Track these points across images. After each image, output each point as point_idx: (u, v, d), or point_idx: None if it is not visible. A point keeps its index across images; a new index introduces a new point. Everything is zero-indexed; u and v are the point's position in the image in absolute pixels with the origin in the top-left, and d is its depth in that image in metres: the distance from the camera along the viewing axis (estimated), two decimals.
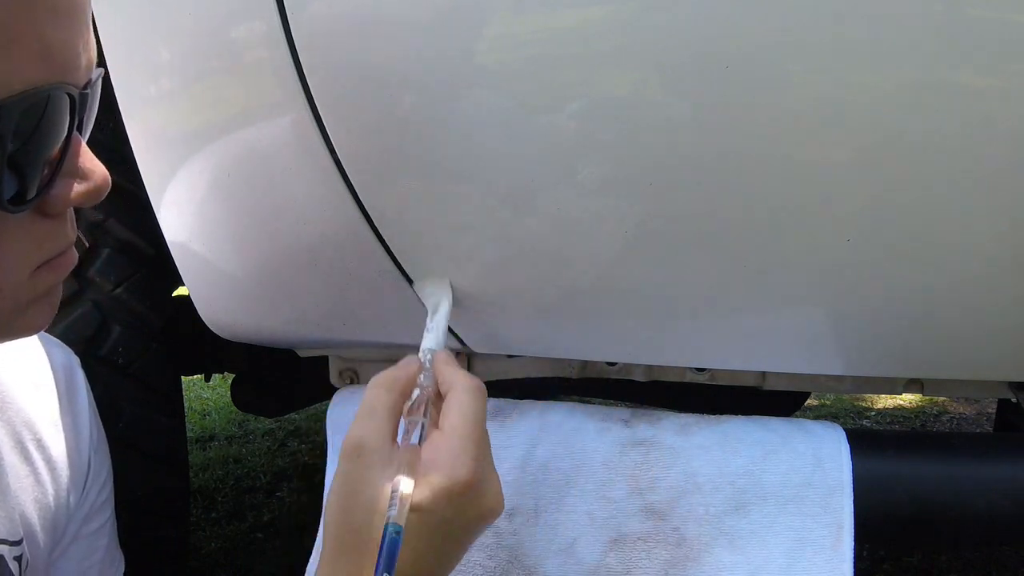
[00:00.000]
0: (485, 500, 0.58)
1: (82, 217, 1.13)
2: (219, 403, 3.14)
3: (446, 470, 0.56)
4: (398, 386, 0.62)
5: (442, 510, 0.56)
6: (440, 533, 0.57)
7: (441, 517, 0.56)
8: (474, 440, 0.58)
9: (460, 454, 0.57)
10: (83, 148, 0.51)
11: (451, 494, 0.56)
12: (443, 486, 0.56)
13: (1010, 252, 0.68)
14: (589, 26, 0.61)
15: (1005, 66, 0.58)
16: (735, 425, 0.80)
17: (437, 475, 0.56)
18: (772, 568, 0.73)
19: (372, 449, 0.57)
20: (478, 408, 0.60)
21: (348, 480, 0.58)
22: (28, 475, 0.68)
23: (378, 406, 0.60)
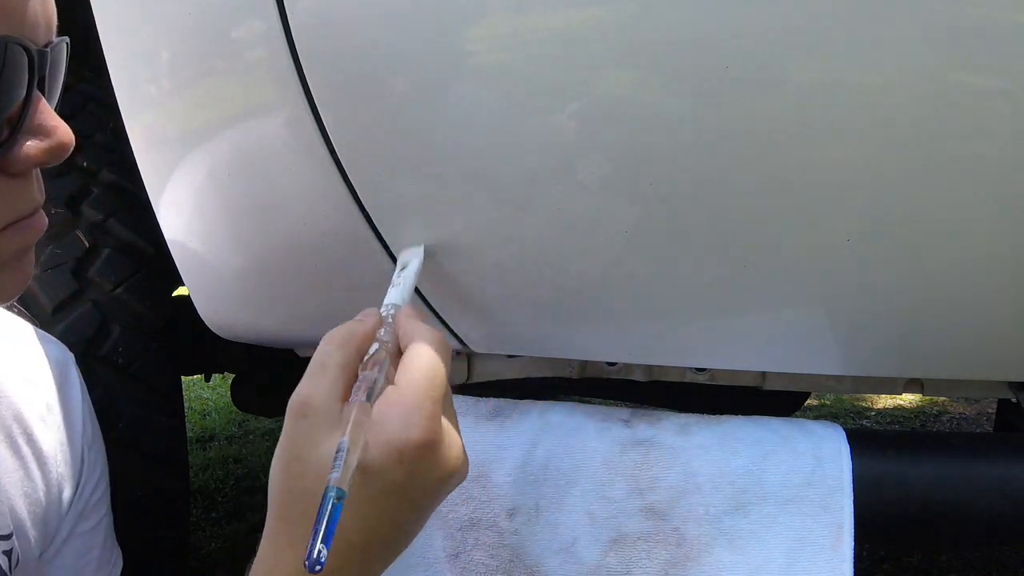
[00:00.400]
0: (442, 463, 0.53)
1: (82, 217, 1.13)
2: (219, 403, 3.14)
3: (397, 429, 0.51)
4: (353, 341, 0.57)
5: (393, 473, 0.51)
6: (393, 499, 0.52)
7: (392, 481, 0.51)
8: (431, 397, 0.52)
9: (413, 411, 0.52)
10: (44, 106, 0.50)
11: (403, 455, 0.51)
12: (394, 447, 0.51)
13: (1010, 252, 0.68)
14: (589, 26, 0.61)
15: (1005, 66, 0.58)
16: (735, 425, 0.80)
17: (387, 435, 0.51)
18: (772, 568, 0.73)
19: (319, 408, 0.52)
20: (437, 363, 0.54)
21: (292, 443, 0.53)
22: (17, 469, 0.68)
23: (328, 362, 0.55)
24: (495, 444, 0.80)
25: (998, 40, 0.57)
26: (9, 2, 0.46)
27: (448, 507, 0.79)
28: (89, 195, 1.16)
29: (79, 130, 1.25)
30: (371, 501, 0.51)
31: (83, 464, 0.75)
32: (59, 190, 1.14)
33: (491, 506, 0.79)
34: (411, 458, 0.51)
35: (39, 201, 0.53)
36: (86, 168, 1.19)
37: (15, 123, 0.49)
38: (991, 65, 0.58)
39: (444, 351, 0.56)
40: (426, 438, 0.51)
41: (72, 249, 1.10)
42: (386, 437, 0.51)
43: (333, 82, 0.67)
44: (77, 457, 0.74)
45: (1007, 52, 0.57)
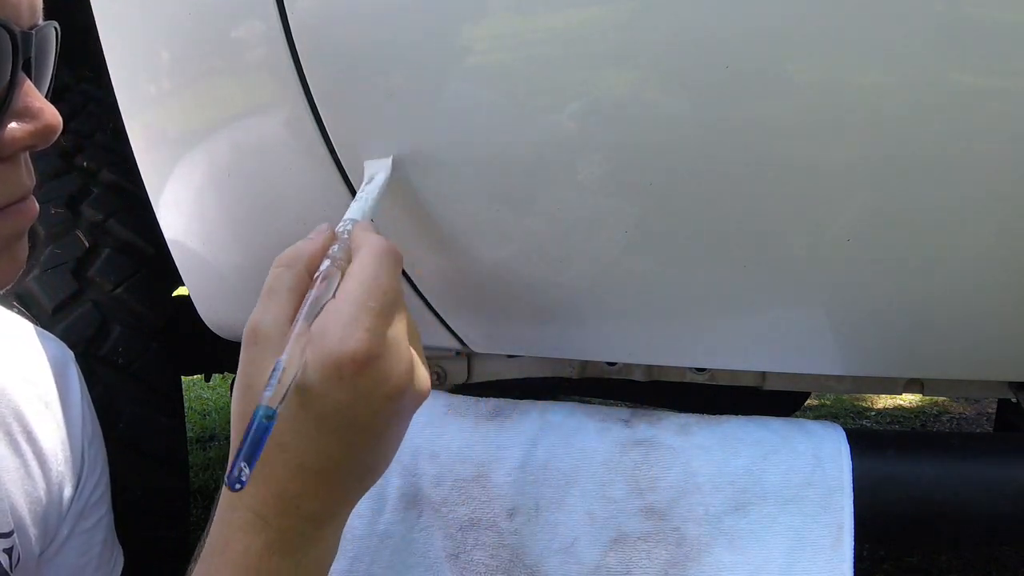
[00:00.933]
0: (388, 378, 0.49)
1: (82, 217, 1.13)
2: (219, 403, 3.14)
3: (334, 343, 0.48)
4: (301, 260, 0.54)
5: (334, 391, 0.48)
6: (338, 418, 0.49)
7: (335, 400, 0.48)
8: (368, 308, 0.49)
9: (350, 324, 0.48)
10: (30, 88, 0.50)
11: (341, 371, 0.48)
12: (330, 361, 0.48)
13: (1010, 252, 0.68)
14: (589, 26, 0.61)
15: (1005, 67, 0.58)
16: (735, 425, 0.80)
17: (324, 350, 0.48)
18: (772, 568, 0.73)
19: (267, 333, 0.50)
20: (381, 272, 0.51)
21: (244, 370, 0.51)
22: (18, 467, 0.68)
23: (276, 285, 0.53)
24: (495, 444, 0.80)
25: (998, 40, 0.57)
26: None
27: (448, 507, 0.79)
28: (89, 195, 1.16)
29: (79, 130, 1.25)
30: (317, 422, 0.49)
31: (83, 462, 0.75)
32: (59, 190, 1.14)
33: (491, 506, 0.79)
34: (350, 372, 0.48)
35: (28, 186, 0.52)
36: (86, 168, 1.19)
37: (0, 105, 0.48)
38: (991, 65, 0.58)
39: (390, 259, 0.52)
40: (364, 350, 0.48)
41: (72, 249, 1.11)
42: (323, 352, 0.48)
43: (333, 82, 0.67)
44: (77, 455, 0.74)
45: (1007, 52, 0.57)
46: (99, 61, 0.75)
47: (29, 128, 0.49)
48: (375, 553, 0.80)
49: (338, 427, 0.49)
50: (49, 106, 0.50)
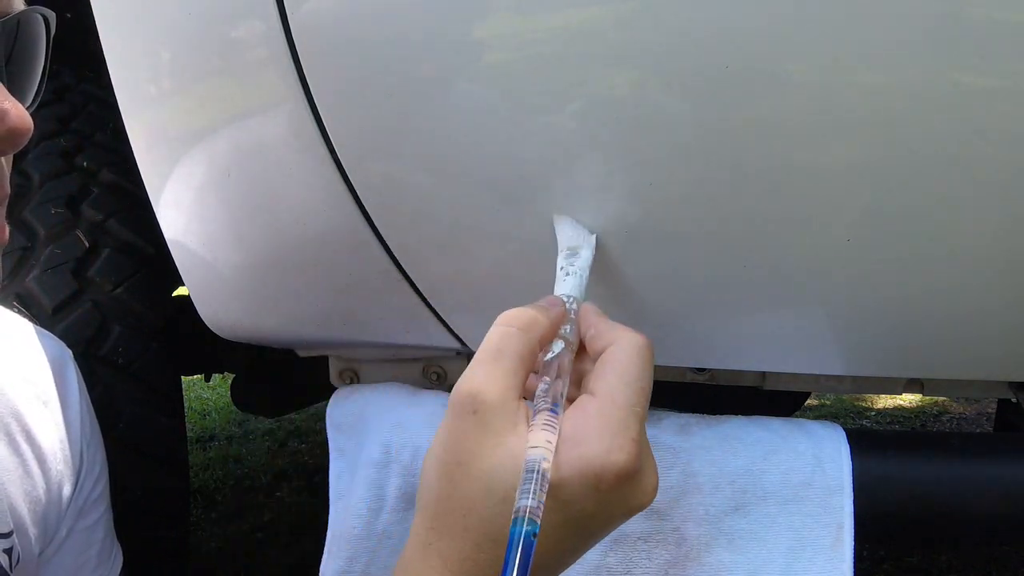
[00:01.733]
0: (639, 494, 0.44)
1: (82, 217, 1.13)
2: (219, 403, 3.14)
3: (598, 452, 0.42)
4: (537, 329, 0.47)
5: (584, 501, 0.43)
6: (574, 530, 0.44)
7: (581, 510, 0.43)
8: (637, 414, 0.44)
9: (620, 432, 0.43)
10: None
11: (600, 482, 0.42)
12: (591, 472, 0.42)
13: (1010, 252, 0.68)
14: (589, 26, 0.61)
15: (1005, 67, 0.58)
16: (735, 425, 0.80)
17: (585, 457, 0.42)
18: (772, 568, 0.73)
19: (493, 405, 0.43)
20: (645, 372, 0.46)
21: (457, 441, 0.44)
22: (17, 467, 0.68)
23: (507, 350, 0.45)
24: None
25: (998, 40, 0.57)
26: None
27: None
28: (89, 195, 1.16)
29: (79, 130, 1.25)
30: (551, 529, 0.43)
31: (82, 461, 0.75)
32: (59, 190, 1.14)
33: None
34: (608, 486, 0.43)
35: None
36: (86, 168, 1.19)
37: None
38: (991, 65, 0.58)
39: (651, 359, 0.48)
40: (630, 465, 0.43)
41: (72, 249, 1.10)
42: (584, 460, 0.42)
43: (333, 82, 0.67)
44: (76, 454, 0.74)
45: (1007, 52, 0.57)
46: (99, 61, 0.75)
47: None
48: (373, 553, 0.80)
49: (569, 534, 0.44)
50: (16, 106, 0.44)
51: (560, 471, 0.42)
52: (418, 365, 0.94)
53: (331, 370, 0.98)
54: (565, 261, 0.59)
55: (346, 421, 0.87)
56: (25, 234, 1.10)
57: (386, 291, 0.80)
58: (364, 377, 0.97)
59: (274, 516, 2.18)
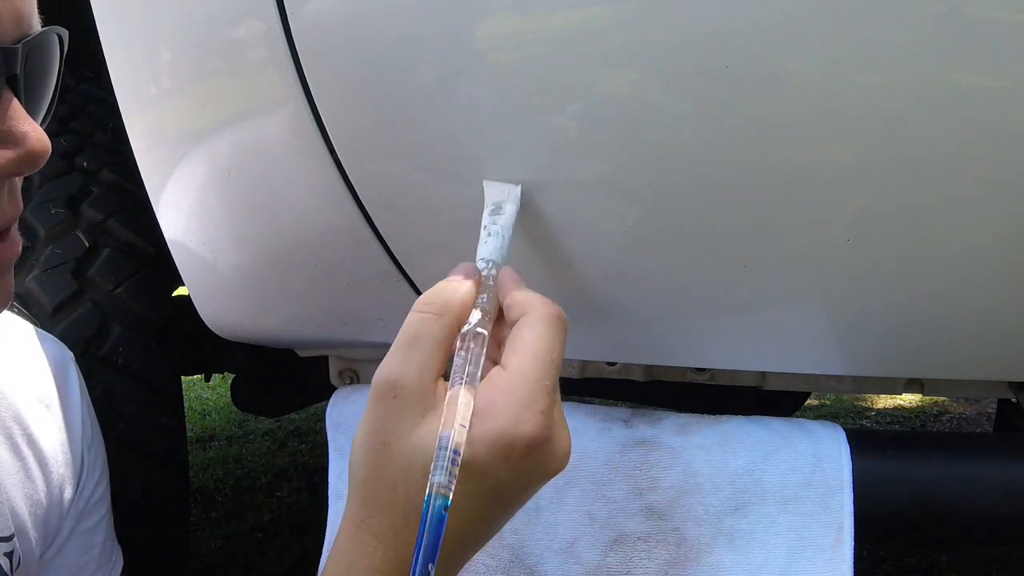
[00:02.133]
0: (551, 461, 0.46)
1: (82, 217, 1.13)
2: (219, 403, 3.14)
3: (509, 423, 0.45)
4: (452, 309, 0.49)
5: (497, 471, 0.45)
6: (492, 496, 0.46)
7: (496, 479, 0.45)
8: (546, 387, 0.46)
9: (529, 404, 0.45)
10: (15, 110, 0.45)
11: (510, 452, 0.45)
12: (502, 443, 0.44)
13: (1010, 252, 0.68)
14: (589, 26, 0.61)
15: (1005, 67, 0.58)
16: (735, 425, 0.80)
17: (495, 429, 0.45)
18: (772, 568, 0.73)
19: (410, 388, 0.46)
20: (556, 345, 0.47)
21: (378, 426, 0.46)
22: (18, 470, 0.68)
23: (423, 334, 0.47)
24: None
25: (998, 40, 0.57)
26: None
27: None
28: (89, 195, 1.16)
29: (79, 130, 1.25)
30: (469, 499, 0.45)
31: (83, 463, 0.75)
32: (59, 190, 1.14)
33: None
34: (519, 455, 0.45)
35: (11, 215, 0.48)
36: (86, 168, 1.19)
37: None
38: (991, 65, 0.58)
39: (562, 329, 0.49)
40: (538, 435, 0.45)
41: (72, 249, 1.10)
42: (494, 432, 0.45)
43: (333, 82, 0.67)
44: (77, 456, 0.74)
45: (1007, 52, 0.57)
46: (99, 61, 0.75)
47: (10, 155, 0.45)
48: None
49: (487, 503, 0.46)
50: (36, 129, 0.46)
51: (472, 445, 0.44)
52: None
53: (331, 370, 0.98)
54: (488, 219, 0.58)
55: (346, 421, 0.87)
56: (25, 234, 1.10)
57: (386, 291, 0.80)
58: (364, 377, 0.97)
59: (274, 516, 2.18)
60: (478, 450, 0.45)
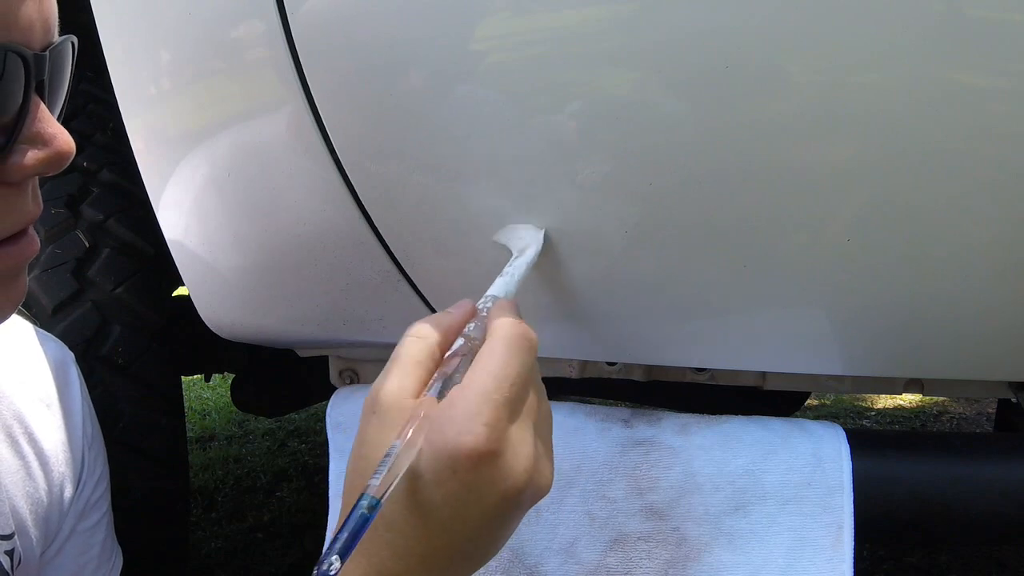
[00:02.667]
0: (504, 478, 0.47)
1: (82, 217, 1.13)
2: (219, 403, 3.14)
3: (451, 435, 0.46)
4: (435, 334, 0.52)
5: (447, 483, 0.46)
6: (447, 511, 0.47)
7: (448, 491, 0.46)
8: (495, 401, 0.47)
9: (473, 416, 0.46)
10: (44, 113, 0.48)
11: (455, 465, 0.46)
12: (445, 454, 0.46)
13: (1010, 252, 0.68)
14: (589, 26, 0.61)
15: (1005, 67, 0.58)
16: (735, 425, 0.80)
17: (441, 440, 0.46)
18: (772, 568, 0.73)
19: (387, 405, 0.48)
20: (512, 361, 0.49)
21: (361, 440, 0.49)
22: (19, 469, 0.68)
23: (405, 356, 0.50)
24: None
25: (998, 40, 0.57)
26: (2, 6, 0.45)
27: None
28: (89, 195, 1.16)
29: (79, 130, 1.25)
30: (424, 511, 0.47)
31: (83, 463, 0.75)
32: (59, 190, 1.14)
33: None
34: (464, 468, 0.46)
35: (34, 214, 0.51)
36: (86, 168, 1.19)
37: (11, 131, 0.47)
38: (991, 65, 0.58)
39: (522, 346, 0.50)
40: (481, 448, 0.46)
41: (72, 249, 1.10)
42: (439, 443, 0.46)
43: (333, 82, 0.67)
44: (77, 456, 0.74)
45: (1007, 52, 0.57)
46: (99, 61, 0.75)
47: (41, 155, 0.48)
48: None
49: (445, 520, 0.47)
50: (62, 132, 0.49)
51: (421, 457, 0.46)
52: None
53: (331, 370, 0.98)
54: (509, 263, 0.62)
55: (346, 421, 0.87)
56: None
57: (386, 291, 0.80)
58: (364, 377, 0.97)
59: (274, 516, 2.18)
60: (424, 460, 0.46)
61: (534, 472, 0.49)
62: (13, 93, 0.46)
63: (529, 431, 0.49)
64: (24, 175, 0.48)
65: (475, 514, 0.47)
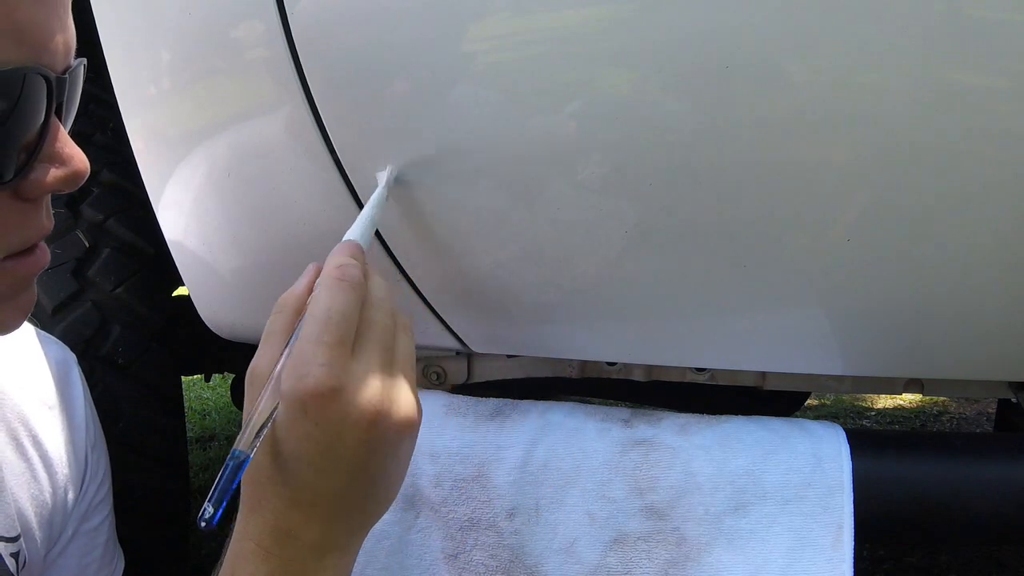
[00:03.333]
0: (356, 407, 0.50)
1: (82, 217, 1.13)
2: (219, 403, 3.14)
3: (293, 382, 0.49)
4: (289, 303, 0.56)
5: (300, 426, 0.50)
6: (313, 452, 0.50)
7: (304, 434, 0.50)
8: (325, 343, 0.50)
9: (308, 360, 0.49)
10: (62, 133, 0.51)
11: (304, 407, 0.49)
12: (293, 400, 0.49)
13: (1010, 252, 0.68)
14: (589, 26, 0.61)
15: (1004, 67, 0.58)
16: (735, 425, 0.80)
17: (287, 390, 0.50)
18: (772, 568, 0.73)
19: (259, 376, 0.53)
20: (333, 304, 0.51)
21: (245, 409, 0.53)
22: (24, 471, 0.68)
23: (271, 330, 0.55)
24: (495, 444, 0.80)
25: (998, 40, 0.57)
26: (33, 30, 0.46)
27: (448, 507, 0.79)
28: (89, 195, 1.16)
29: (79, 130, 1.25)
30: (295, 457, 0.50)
31: (86, 464, 0.75)
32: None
33: (491, 506, 0.79)
34: (314, 407, 0.49)
35: (47, 228, 0.53)
36: None
37: (32, 150, 0.49)
38: (991, 65, 0.58)
39: (341, 288, 0.52)
40: (321, 384, 0.49)
41: (72, 249, 1.11)
42: (287, 393, 0.50)
43: (333, 82, 0.67)
44: (80, 457, 0.74)
45: (1007, 52, 0.57)
46: (99, 61, 0.75)
47: (59, 174, 0.50)
48: (370, 554, 0.80)
49: (315, 460, 0.50)
50: (79, 152, 0.51)
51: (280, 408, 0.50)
52: (418, 365, 0.94)
53: None
54: None
55: None
56: None
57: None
58: None
59: None
60: (280, 412, 0.50)
61: (385, 400, 0.51)
62: (36, 114, 0.48)
63: (374, 362, 0.52)
64: (42, 192, 0.51)
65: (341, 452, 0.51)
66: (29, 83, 0.46)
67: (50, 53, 0.48)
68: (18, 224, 0.51)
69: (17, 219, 0.50)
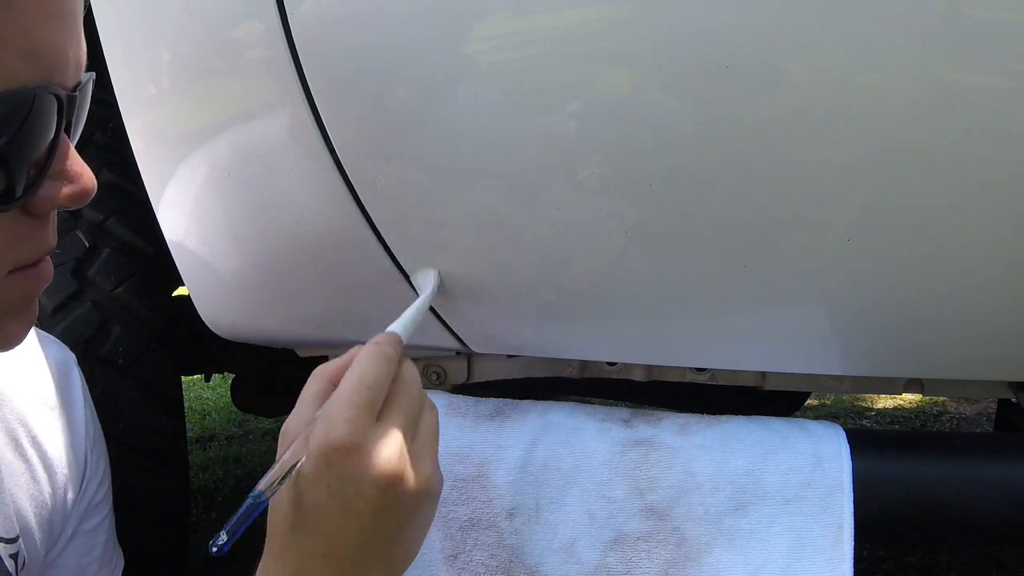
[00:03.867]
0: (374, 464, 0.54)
1: (82, 217, 1.13)
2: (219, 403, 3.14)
3: (320, 434, 0.54)
4: (327, 373, 0.61)
5: (324, 478, 0.54)
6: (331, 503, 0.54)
7: (326, 486, 0.54)
8: (353, 403, 0.55)
9: (334, 416, 0.54)
10: (71, 151, 0.51)
11: (328, 459, 0.53)
12: (318, 451, 0.54)
13: (1010, 252, 0.68)
14: (589, 26, 0.61)
15: (1005, 67, 0.58)
16: (735, 425, 0.80)
17: (314, 442, 0.54)
18: (772, 568, 0.73)
19: (291, 434, 0.57)
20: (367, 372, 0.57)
21: None
22: (24, 472, 0.68)
23: (306, 394, 0.60)
24: (495, 444, 0.80)
25: (998, 40, 0.57)
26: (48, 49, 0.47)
27: (447, 507, 0.79)
28: None
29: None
30: (314, 508, 0.54)
31: (86, 465, 0.75)
32: None
33: (491, 506, 0.79)
34: (336, 460, 0.53)
35: (52, 244, 0.54)
36: None
37: (41, 167, 0.49)
38: (991, 65, 0.58)
39: (376, 359, 0.57)
40: (344, 439, 0.53)
41: (72, 249, 1.11)
42: (314, 443, 0.54)
43: (333, 82, 0.67)
44: (80, 458, 0.74)
45: (1007, 52, 0.57)
46: (99, 61, 0.75)
47: (67, 191, 0.51)
48: None
49: (333, 513, 0.54)
50: (87, 170, 0.52)
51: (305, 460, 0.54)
52: (418, 365, 0.94)
53: None
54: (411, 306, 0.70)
55: None
56: None
57: (386, 291, 0.80)
58: None
59: None
60: (306, 463, 0.54)
61: (403, 464, 0.55)
62: (46, 132, 0.49)
63: (395, 431, 0.56)
64: (50, 208, 0.51)
65: (358, 507, 0.54)
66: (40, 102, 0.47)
67: (61, 71, 0.48)
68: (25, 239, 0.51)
69: (25, 234, 0.51)
